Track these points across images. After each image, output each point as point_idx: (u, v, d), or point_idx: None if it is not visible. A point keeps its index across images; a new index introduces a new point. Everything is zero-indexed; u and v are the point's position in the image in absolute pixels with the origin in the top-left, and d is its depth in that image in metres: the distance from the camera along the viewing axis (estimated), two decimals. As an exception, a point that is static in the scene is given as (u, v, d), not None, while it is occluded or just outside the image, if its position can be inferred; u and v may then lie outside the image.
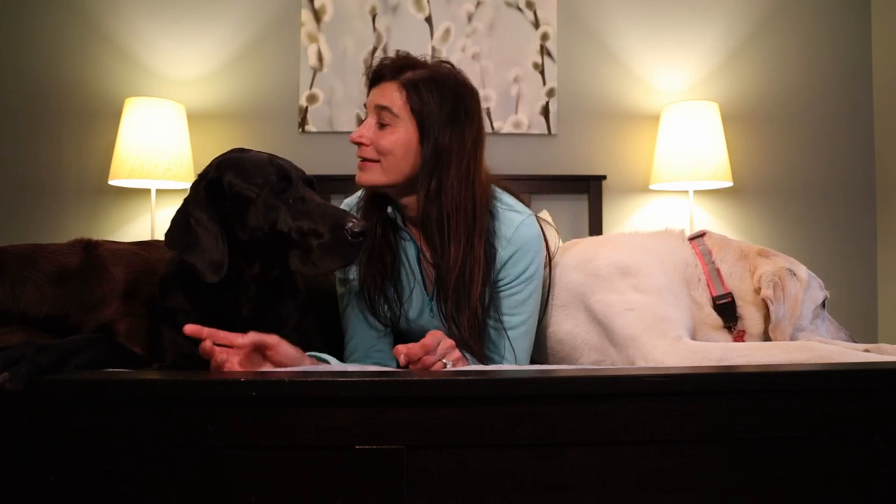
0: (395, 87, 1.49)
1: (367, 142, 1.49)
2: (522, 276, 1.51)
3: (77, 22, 3.28)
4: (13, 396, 1.01)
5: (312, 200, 1.35)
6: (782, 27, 3.38)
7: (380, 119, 1.49)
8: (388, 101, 1.49)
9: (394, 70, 1.51)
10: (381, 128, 1.49)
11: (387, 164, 1.49)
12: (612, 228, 3.30)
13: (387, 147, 1.48)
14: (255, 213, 1.31)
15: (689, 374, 1.11)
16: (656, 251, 1.61)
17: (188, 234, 1.30)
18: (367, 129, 1.50)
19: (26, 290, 1.33)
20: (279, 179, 1.34)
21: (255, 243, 1.32)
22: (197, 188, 1.36)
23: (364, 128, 1.50)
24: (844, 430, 1.10)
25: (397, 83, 1.49)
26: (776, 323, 1.49)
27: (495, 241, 1.52)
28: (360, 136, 1.50)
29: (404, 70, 1.50)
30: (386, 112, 1.48)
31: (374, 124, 1.50)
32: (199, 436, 1.04)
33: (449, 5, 3.33)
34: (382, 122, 1.49)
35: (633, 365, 1.41)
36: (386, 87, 1.50)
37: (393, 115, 1.48)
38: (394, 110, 1.48)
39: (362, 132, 1.50)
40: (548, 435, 1.05)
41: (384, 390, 1.04)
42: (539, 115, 3.32)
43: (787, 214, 3.35)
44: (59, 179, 3.26)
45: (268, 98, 3.30)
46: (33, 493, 1.04)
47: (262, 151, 1.43)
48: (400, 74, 1.50)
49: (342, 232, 1.29)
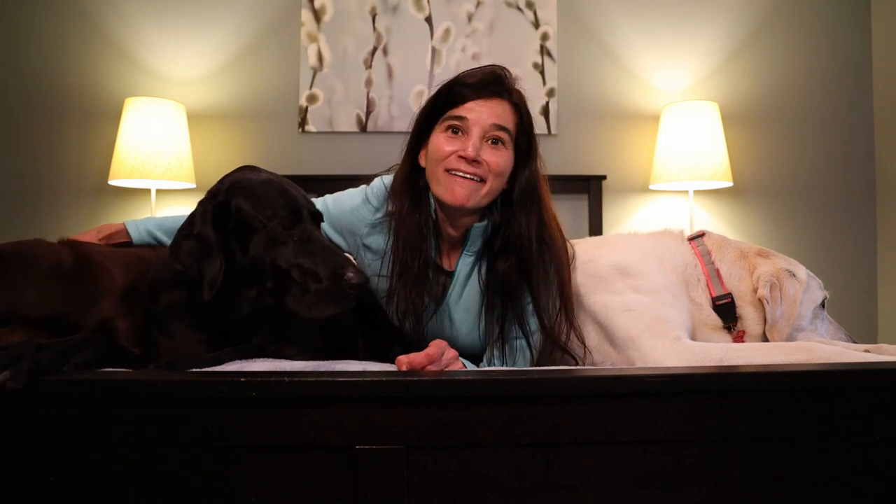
0: (509, 108, 1.46)
1: (481, 160, 1.43)
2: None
3: (77, 22, 3.28)
4: (13, 396, 1.01)
5: (318, 241, 1.32)
6: (782, 27, 3.38)
7: (492, 137, 1.44)
8: (506, 121, 1.45)
9: (508, 89, 1.46)
10: (493, 147, 1.45)
11: (493, 186, 1.46)
12: (612, 228, 3.30)
13: (502, 168, 1.45)
14: (258, 244, 1.30)
15: (689, 374, 1.11)
16: (655, 252, 1.61)
17: (190, 249, 1.29)
18: (479, 144, 1.42)
19: (28, 289, 1.33)
20: (289, 214, 1.31)
21: (252, 271, 1.31)
22: (205, 206, 1.34)
23: (474, 140, 1.42)
24: (844, 430, 1.10)
25: (510, 103, 1.46)
26: (773, 324, 1.49)
27: None
28: (476, 151, 1.42)
29: (511, 90, 1.47)
30: (504, 132, 1.44)
31: (485, 143, 1.44)
32: (199, 436, 1.04)
33: (449, 5, 3.33)
34: (496, 140, 1.44)
35: (632, 366, 1.41)
36: (502, 106, 1.46)
37: (510, 135, 1.45)
38: (512, 131, 1.45)
39: (477, 147, 1.42)
40: (548, 435, 1.05)
41: (384, 390, 1.04)
42: (539, 115, 3.32)
43: (787, 214, 3.35)
44: (59, 179, 3.26)
45: (268, 98, 3.30)
46: (33, 493, 1.04)
47: (275, 176, 1.38)
48: (511, 94, 1.46)
49: (341, 281, 1.26)
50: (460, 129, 1.46)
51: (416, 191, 1.53)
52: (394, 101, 3.28)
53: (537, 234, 1.46)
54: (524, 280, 1.47)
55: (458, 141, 1.45)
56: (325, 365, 1.27)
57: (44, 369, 1.06)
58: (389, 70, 3.30)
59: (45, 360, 1.07)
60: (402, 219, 1.52)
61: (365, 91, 3.30)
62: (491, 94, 1.45)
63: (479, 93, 1.44)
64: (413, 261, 1.49)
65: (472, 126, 1.44)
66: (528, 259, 1.46)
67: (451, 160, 1.45)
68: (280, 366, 1.26)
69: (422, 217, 1.50)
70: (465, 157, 1.42)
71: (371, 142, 3.19)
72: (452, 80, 1.50)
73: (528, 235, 1.46)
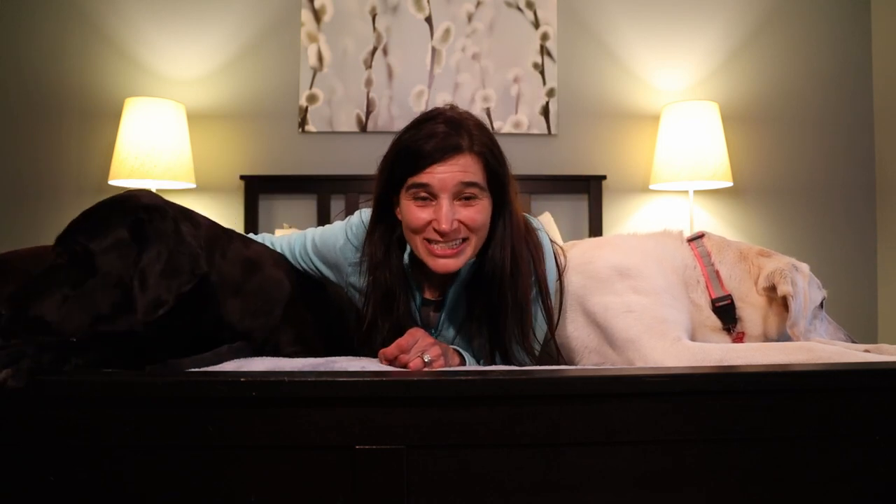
0: (473, 159, 1.38)
1: (456, 225, 1.37)
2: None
3: (77, 22, 3.28)
4: (13, 396, 1.01)
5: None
6: (782, 27, 3.38)
7: (462, 195, 1.38)
8: (473, 175, 1.37)
9: (468, 135, 1.38)
10: (466, 204, 1.38)
11: (477, 241, 1.41)
12: (612, 228, 3.30)
13: (481, 222, 1.39)
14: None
15: (689, 374, 1.11)
16: (655, 253, 1.60)
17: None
18: (451, 212, 1.35)
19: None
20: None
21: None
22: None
23: (445, 212, 1.35)
24: (844, 430, 1.10)
25: (473, 154, 1.38)
26: (795, 319, 1.48)
27: None
28: (450, 222, 1.35)
29: (471, 135, 1.39)
30: (474, 187, 1.37)
31: (456, 202, 1.37)
32: (199, 436, 1.04)
33: (449, 5, 3.33)
34: (468, 197, 1.38)
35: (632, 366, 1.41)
36: (465, 160, 1.37)
37: (480, 187, 1.38)
38: (482, 183, 1.38)
39: (450, 217, 1.35)
40: (548, 435, 1.05)
41: (384, 390, 1.04)
42: (539, 115, 3.32)
43: (787, 214, 3.35)
44: (59, 179, 3.26)
45: (268, 98, 3.31)
46: (33, 493, 1.04)
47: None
48: (472, 143, 1.38)
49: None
50: (428, 196, 1.38)
51: (391, 242, 1.48)
52: (394, 101, 3.28)
53: (512, 263, 1.43)
54: (502, 305, 1.44)
55: (430, 208, 1.37)
56: (324, 365, 1.28)
57: (45, 369, 1.06)
58: (389, 70, 3.30)
59: (47, 360, 1.07)
60: (375, 268, 1.47)
61: (365, 91, 3.30)
62: (451, 153, 1.36)
63: (439, 155, 1.36)
64: (384, 321, 1.45)
65: (438, 192, 1.36)
66: (502, 287, 1.42)
67: (429, 231, 1.38)
68: (280, 365, 1.26)
69: (393, 275, 1.46)
70: (440, 231, 1.36)
71: (371, 142, 3.19)
72: (405, 147, 1.39)
73: (500, 269, 1.42)
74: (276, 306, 1.46)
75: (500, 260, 1.42)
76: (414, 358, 1.24)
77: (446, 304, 1.51)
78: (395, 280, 1.46)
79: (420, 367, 1.22)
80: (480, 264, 1.45)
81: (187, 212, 1.38)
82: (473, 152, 1.38)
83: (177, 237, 1.26)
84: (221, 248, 1.40)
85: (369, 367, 1.24)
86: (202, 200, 3.25)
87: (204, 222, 1.41)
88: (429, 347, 1.28)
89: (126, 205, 1.28)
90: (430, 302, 1.54)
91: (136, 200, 1.29)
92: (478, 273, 1.46)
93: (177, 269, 1.23)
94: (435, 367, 1.25)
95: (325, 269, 1.61)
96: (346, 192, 3.11)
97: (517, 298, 1.43)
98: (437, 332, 1.53)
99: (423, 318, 1.54)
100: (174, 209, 1.33)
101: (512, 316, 1.43)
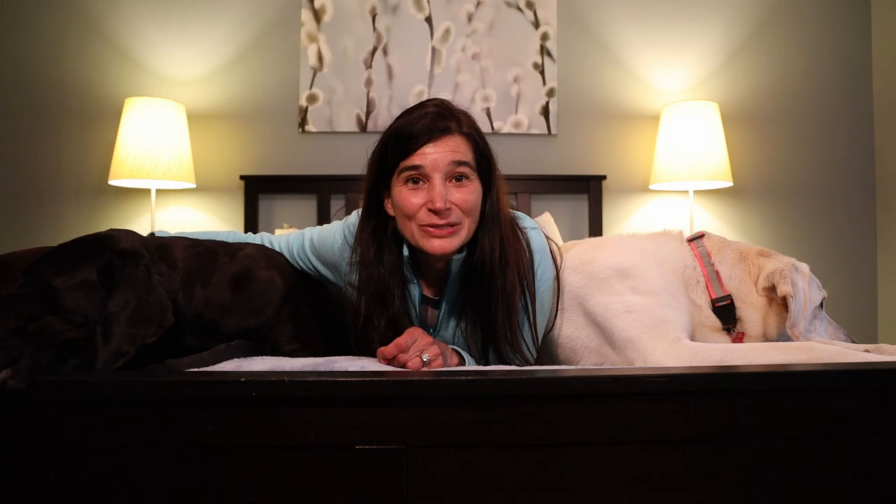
0: (462, 139, 1.41)
1: (450, 205, 1.37)
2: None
3: (77, 22, 3.28)
4: (14, 396, 1.01)
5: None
6: (782, 27, 3.38)
7: (454, 174, 1.39)
8: (463, 154, 1.40)
9: (456, 119, 1.41)
10: (458, 186, 1.40)
11: (470, 223, 1.41)
12: (612, 228, 3.30)
13: (473, 203, 1.40)
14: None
15: (689, 374, 1.10)
16: (655, 253, 1.60)
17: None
18: (444, 191, 1.37)
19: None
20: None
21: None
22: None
23: (439, 190, 1.36)
24: (844, 430, 1.10)
25: (462, 134, 1.41)
26: (795, 319, 1.48)
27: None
28: (444, 200, 1.36)
29: (459, 119, 1.42)
30: (464, 166, 1.39)
31: (448, 183, 1.39)
32: (199, 436, 1.04)
33: (449, 5, 3.33)
34: (459, 177, 1.40)
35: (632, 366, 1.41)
36: (455, 140, 1.40)
37: (471, 167, 1.40)
38: (471, 162, 1.41)
39: (443, 195, 1.36)
40: (548, 435, 1.05)
41: (384, 390, 1.04)
42: (539, 115, 3.32)
43: (787, 214, 3.35)
44: (59, 179, 3.26)
45: (268, 98, 3.31)
46: (34, 494, 1.04)
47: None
48: (461, 125, 1.42)
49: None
50: (420, 178, 1.39)
51: (383, 240, 1.48)
52: (394, 101, 3.28)
53: (500, 250, 1.43)
54: (491, 294, 1.44)
55: (423, 191, 1.38)
56: (324, 364, 1.28)
57: (45, 369, 1.06)
58: (389, 70, 3.30)
59: (47, 360, 1.07)
60: (366, 268, 1.47)
61: (365, 91, 3.30)
62: (441, 133, 1.38)
63: (429, 136, 1.38)
64: (379, 318, 1.45)
65: (430, 172, 1.38)
66: (491, 276, 1.43)
67: (422, 215, 1.38)
68: (280, 365, 1.26)
69: (387, 271, 1.46)
70: (435, 209, 1.36)
71: (371, 142, 3.17)
72: (396, 131, 1.42)
73: (490, 256, 1.43)
74: (269, 306, 1.46)
75: (488, 247, 1.43)
76: (412, 357, 1.24)
77: (444, 300, 1.51)
78: (390, 275, 1.46)
79: (419, 367, 1.23)
80: (471, 254, 1.46)
81: (165, 250, 1.37)
82: (462, 133, 1.42)
83: (147, 286, 1.24)
84: (204, 278, 1.39)
85: (369, 366, 1.24)
86: (202, 200, 3.25)
87: (181, 257, 1.39)
88: (427, 347, 1.28)
89: (100, 246, 1.26)
90: (428, 300, 1.54)
91: (111, 243, 1.27)
92: (470, 268, 1.46)
93: (143, 319, 1.21)
94: (433, 366, 1.26)
95: (324, 268, 1.61)
96: (346, 192, 3.11)
97: (505, 288, 1.43)
98: (436, 331, 1.54)
99: (423, 316, 1.54)
100: (150, 251, 1.31)
101: (501, 308, 1.43)
